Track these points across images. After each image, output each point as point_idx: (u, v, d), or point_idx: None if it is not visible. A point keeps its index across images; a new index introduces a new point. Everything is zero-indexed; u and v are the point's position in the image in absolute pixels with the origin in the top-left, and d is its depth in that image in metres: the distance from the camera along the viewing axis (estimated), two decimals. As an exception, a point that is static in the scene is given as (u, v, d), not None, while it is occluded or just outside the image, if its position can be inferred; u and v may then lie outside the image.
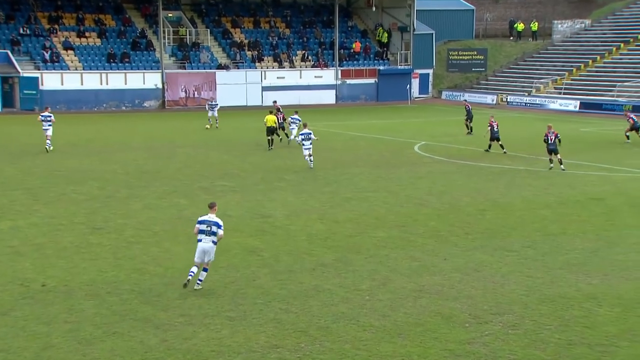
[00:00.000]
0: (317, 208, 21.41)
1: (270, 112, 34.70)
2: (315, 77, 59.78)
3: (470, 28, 72.84)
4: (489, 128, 32.25)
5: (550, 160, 27.73)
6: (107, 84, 53.63)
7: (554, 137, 27.33)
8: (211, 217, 14.10)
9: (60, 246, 16.89)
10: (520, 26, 70.28)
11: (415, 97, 63.05)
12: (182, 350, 11.28)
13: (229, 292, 14.00)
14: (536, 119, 47.84)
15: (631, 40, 59.70)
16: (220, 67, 57.19)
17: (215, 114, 42.55)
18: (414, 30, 62.55)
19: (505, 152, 31.60)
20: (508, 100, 58.20)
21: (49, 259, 15.90)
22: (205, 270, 14.12)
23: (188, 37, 58.37)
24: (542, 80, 58.79)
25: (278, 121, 34.77)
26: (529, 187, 24.69)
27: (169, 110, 54.00)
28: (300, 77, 59.39)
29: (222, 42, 59.96)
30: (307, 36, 62.81)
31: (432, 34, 65.14)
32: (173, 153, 32.43)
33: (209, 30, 59.70)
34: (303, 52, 60.95)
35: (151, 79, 55.07)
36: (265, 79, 57.96)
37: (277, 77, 58.31)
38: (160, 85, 55.13)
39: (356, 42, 63.03)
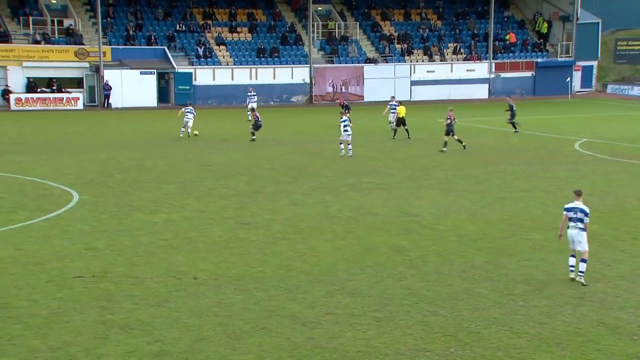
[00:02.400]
0: (467, 207, 21.06)
1: (401, 103, 36.15)
2: (467, 70, 58.81)
3: (642, 16, 68.80)
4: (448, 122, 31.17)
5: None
6: (256, 78, 55.51)
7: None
8: (577, 204, 14.67)
9: (210, 240, 17.68)
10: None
11: (577, 91, 60.42)
12: (328, 349, 11.47)
13: (375, 292, 14.07)
14: None
15: None
16: (368, 61, 57.59)
17: (255, 105, 42.10)
18: (577, 19, 59.96)
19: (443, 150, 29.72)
20: (683, 93, 54.42)
21: (200, 252, 16.69)
22: (583, 261, 14.43)
23: (337, 30, 59.26)
24: None
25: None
26: None
27: (316, 105, 55.07)
28: (451, 71, 58.64)
29: (371, 35, 60.34)
30: (460, 28, 61.88)
31: (598, 23, 62.07)
32: (319, 148, 32.99)
33: (358, 23, 60.29)
34: (455, 44, 60.12)
35: (299, 74, 56.44)
36: (414, 72, 57.72)
37: (427, 71, 57.90)
38: (308, 80, 56.37)
39: (510, 33, 61.27)
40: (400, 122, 35.28)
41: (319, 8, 59.95)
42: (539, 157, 29.96)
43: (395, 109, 36.51)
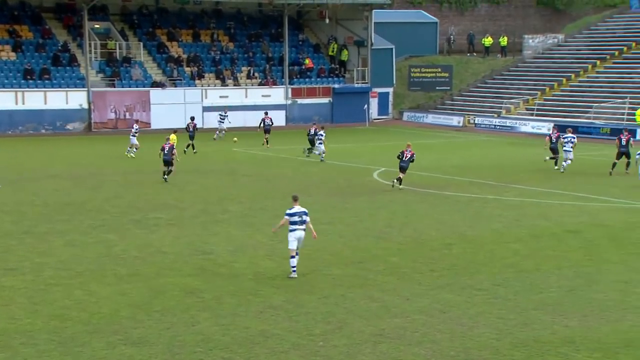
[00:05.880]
0: (265, 243, 21.39)
1: (175, 132, 35.41)
2: (262, 96, 59.95)
3: (434, 43, 74.18)
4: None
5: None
6: (23, 103, 52.82)
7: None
8: (298, 208, 18.00)
9: (-32, 290, 16.51)
10: (487, 41, 71.91)
11: (374, 119, 63.71)
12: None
13: (164, 340, 13.84)
14: (506, 143, 48.79)
15: (608, 57, 61.53)
16: (155, 84, 56.98)
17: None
18: (371, 44, 63.39)
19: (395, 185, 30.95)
20: (476, 122, 59.23)
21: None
22: (297, 254, 17.82)
23: (118, 51, 58.08)
24: (512, 101, 60.06)
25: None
26: (499, 218, 25.11)
27: (97, 133, 53.46)
28: (246, 96, 59.52)
29: (157, 57, 59.80)
30: (253, 51, 63.12)
31: (392, 48, 66.08)
32: (101, 182, 32.07)
33: (141, 43, 59.50)
34: (249, 68, 61.19)
35: (75, 98, 54.48)
36: (206, 98, 57.92)
37: (220, 96, 58.31)
38: (85, 105, 54.57)
39: (307, 57, 63.53)
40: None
41: (96, 26, 58.43)
42: (338, 188, 31.18)
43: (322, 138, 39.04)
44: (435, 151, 44.18)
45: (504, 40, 71.47)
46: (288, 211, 18.17)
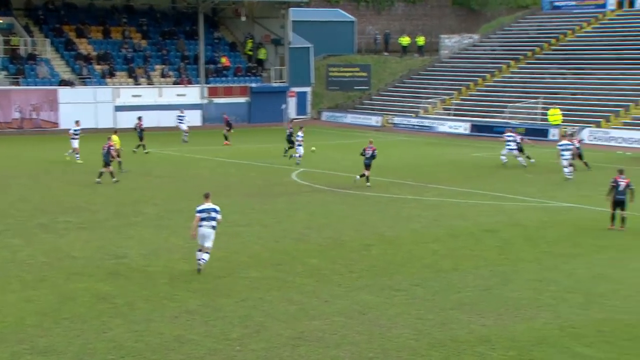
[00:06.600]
0: (181, 246, 21.14)
1: (115, 132, 35.57)
2: (177, 95, 59.28)
3: (351, 42, 74.82)
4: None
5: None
6: None
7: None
8: (208, 205, 18.35)
9: None
10: (405, 40, 72.93)
11: (293, 119, 63.80)
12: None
13: (73, 349, 13.53)
14: (425, 143, 49.58)
15: (521, 57, 63.27)
16: (63, 83, 55.62)
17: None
18: (289, 43, 63.45)
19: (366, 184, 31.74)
20: (394, 122, 60.00)
21: None
22: (207, 253, 18.32)
23: (23, 47, 56.44)
24: (430, 100, 61.08)
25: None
26: (417, 219, 25.48)
27: (0, 134, 51.82)
28: (160, 96, 58.75)
29: (65, 54, 58.38)
30: (167, 48, 62.34)
31: (310, 47, 66.34)
32: (5, 185, 31.15)
33: (48, 40, 58.00)
34: (162, 66, 60.40)
35: (-24, 97, 52.72)
36: (119, 97, 56.89)
37: (133, 96, 57.38)
38: (-12, 104, 52.85)
39: (224, 56, 63.14)
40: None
41: None
42: (256, 188, 31.08)
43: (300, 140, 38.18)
44: (355, 151, 44.41)
45: (421, 40, 72.63)
46: (198, 208, 18.52)
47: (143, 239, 21.95)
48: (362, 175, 31.46)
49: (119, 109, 56.17)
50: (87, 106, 54.60)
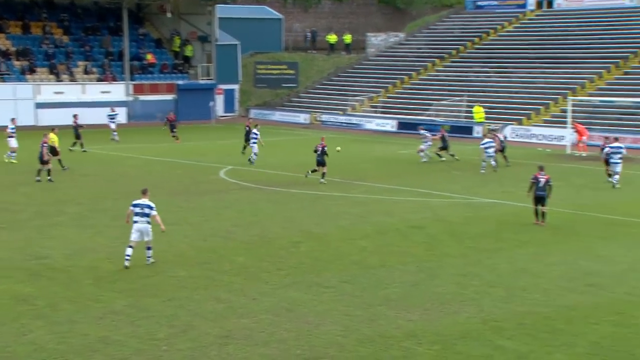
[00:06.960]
0: (106, 245, 20.84)
1: (53, 130, 34.50)
2: (101, 92, 58.26)
3: (279, 39, 74.79)
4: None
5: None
6: None
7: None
8: (144, 201, 18.75)
9: None
10: (332, 38, 73.26)
11: (220, 116, 63.41)
12: None
13: (-6, 352, 13.20)
14: (352, 141, 49.86)
15: (446, 56, 64.27)
16: (-18, 79, 54.04)
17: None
18: (216, 40, 63.03)
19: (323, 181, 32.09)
20: (322, 119, 60.20)
21: None
22: (149, 248, 18.77)
23: (-62, 42, 54.66)
24: (357, 98, 61.48)
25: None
26: (345, 216, 25.66)
27: None
28: (84, 93, 57.63)
29: (-17, 49, 56.77)
30: (91, 45, 61.18)
31: (237, 44, 66.05)
32: None
33: (-35, 34, 56.31)
34: (86, 63, 59.25)
35: None
36: (40, 94, 55.58)
37: (55, 92, 56.11)
38: None
39: (149, 52, 62.30)
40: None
41: None
42: (183, 187, 30.81)
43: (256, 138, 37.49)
44: (282, 149, 44.58)
45: (348, 38, 73.07)
46: (133, 202, 19.06)
47: (66, 239, 21.55)
48: (314, 171, 32.00)
49: (40, 106, 54.87)
50: (6, 103, 53.13)
